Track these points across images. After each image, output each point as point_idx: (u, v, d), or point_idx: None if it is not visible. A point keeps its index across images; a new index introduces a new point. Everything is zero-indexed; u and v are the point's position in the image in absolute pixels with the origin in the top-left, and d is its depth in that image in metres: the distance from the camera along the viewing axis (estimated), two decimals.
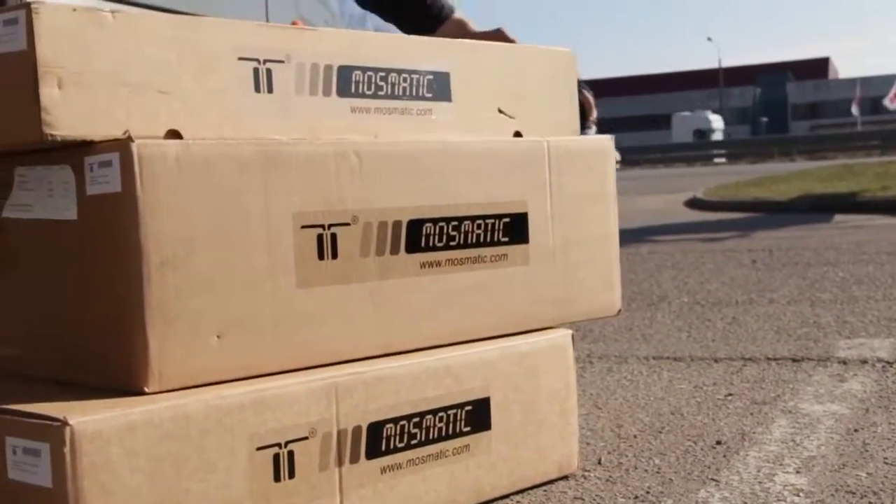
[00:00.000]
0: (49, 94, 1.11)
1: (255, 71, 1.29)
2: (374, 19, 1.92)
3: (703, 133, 43.69)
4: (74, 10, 1.13)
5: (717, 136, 43.90)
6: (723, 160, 30.77)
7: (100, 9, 1.15)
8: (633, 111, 50.21)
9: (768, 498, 1.42)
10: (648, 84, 54.88)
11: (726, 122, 46.45)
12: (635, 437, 1.78)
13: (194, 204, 1.17)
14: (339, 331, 1.30)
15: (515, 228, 1.50)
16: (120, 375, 1.15)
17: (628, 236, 5.50)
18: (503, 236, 1.49)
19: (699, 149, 33.49)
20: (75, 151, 1.17)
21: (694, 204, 10.35)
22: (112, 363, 1.17)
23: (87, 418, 1.04)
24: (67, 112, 1.12)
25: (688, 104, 51.16)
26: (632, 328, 2.99)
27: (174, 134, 1.20)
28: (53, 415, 1.03)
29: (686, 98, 52.13)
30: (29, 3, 1.10)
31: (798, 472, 1.53)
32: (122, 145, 1.13)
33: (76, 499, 1.02)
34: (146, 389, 1.13)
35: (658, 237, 6.28)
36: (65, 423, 1.02)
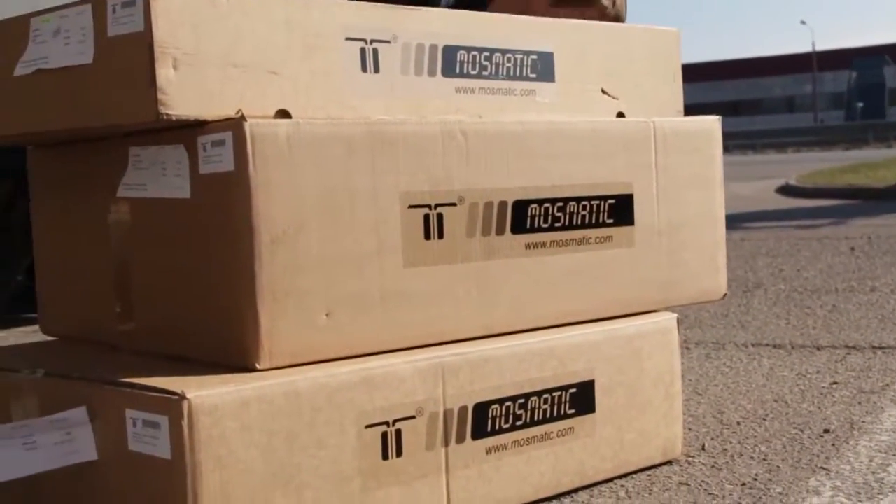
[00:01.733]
0: (165, 74, 1.13)
1: (362, 51, 1.29)
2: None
3: None
4: None
5: None
6: None
7: None
8: (719, 97, 49.27)
9: (882, 488, 1.38)
10: (736, 69, 53.77)
11: (819, 108, 44.99)
12: (738, 423, 1.75)
13: (304, 183, 1.18)
14: (444, 311, 1.30)
15: (621, 210, 1.48)
16: (231, 352, 1.17)
17: None
18: (608, 218, 1.47)
19: (791, 135, 32.58)
20: (189, 131, 1.18)
21: (786, 191, 10.12)
22: (223, 340, 1.18)
23: (203, 393, 1.06)
24: (182, 92, 1.14)
25: (778, 89, 49.97)
26: (728, 315, 2.93)
27: (283, 114, 1.21)
28: (172, 389, 1.06)
29: (776, 83, 50.95)
30: None
31: None
32: (235, 125, 1.14)
33: (194, 471, 1.04)
34: (257, 366, 1.15)
35: (750, 224, 6.15)
36: (182, 397, 1.04)
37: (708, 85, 49.06)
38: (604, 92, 1.56)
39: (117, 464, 1.12)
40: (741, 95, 51.03)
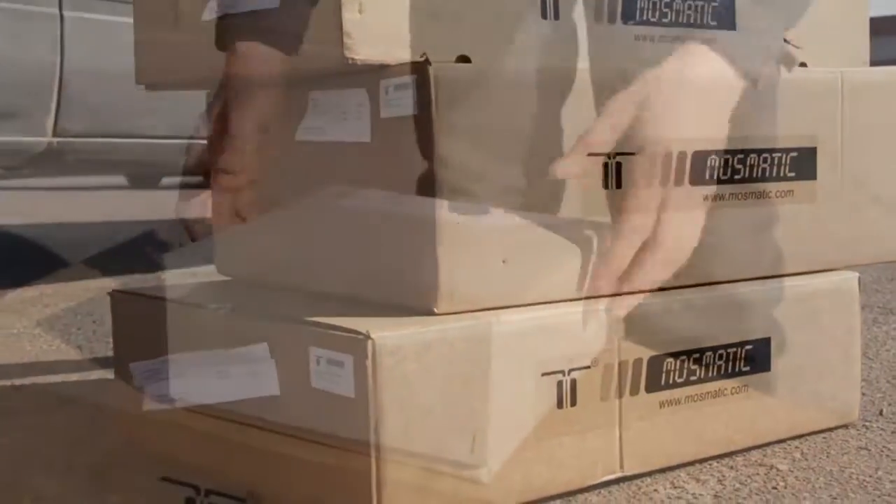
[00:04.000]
0: (351, 18, 1.14)
1: None
2: None
3: None
4: None
5: None
6: None
7: None
8: (885, 55, 46.95)
9: None
10: None
11: None
12: None
13: (485, 128, 1.17)
14: None
15: (803, 164, 1.42)
16: (409, 295, 1.18)
17: None
18: (789, 171, 1.41)
19: None
20: (371, 75, 1.19)
21: None
22: (402, 283, 1.19)
23: (387, 333, 1.07)
24: (366, 36, 1.15)
25: None
26: (893, 279, 2.81)
27: (464, 59, 1.20)
28: (356, 328, 1.07)
29: None
30: None
31: None
32: (419, 68, 1.14)
33: (377, 410, 1.06)
34: (435, 310, 1.15)
35: None
36: (367, 337, 1.06)
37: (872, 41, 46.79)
38: (786, 41, 1.50)
39: (299, 400, 1.15)
40: None
